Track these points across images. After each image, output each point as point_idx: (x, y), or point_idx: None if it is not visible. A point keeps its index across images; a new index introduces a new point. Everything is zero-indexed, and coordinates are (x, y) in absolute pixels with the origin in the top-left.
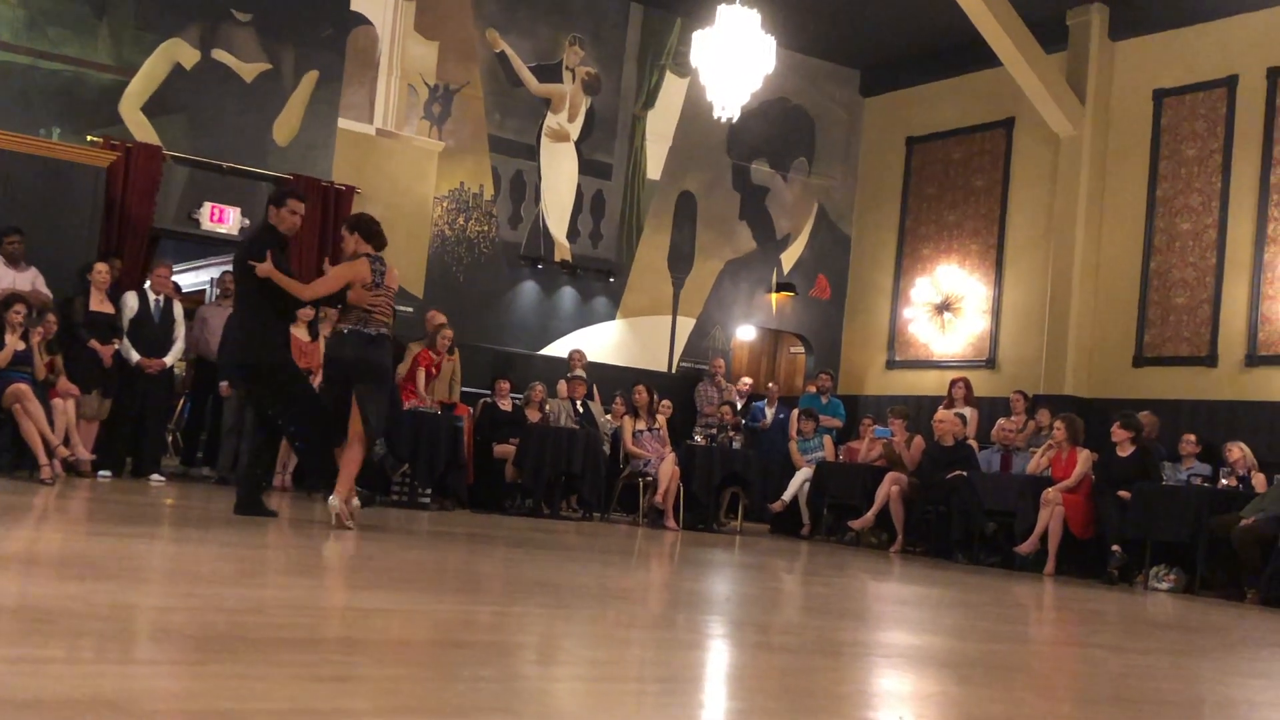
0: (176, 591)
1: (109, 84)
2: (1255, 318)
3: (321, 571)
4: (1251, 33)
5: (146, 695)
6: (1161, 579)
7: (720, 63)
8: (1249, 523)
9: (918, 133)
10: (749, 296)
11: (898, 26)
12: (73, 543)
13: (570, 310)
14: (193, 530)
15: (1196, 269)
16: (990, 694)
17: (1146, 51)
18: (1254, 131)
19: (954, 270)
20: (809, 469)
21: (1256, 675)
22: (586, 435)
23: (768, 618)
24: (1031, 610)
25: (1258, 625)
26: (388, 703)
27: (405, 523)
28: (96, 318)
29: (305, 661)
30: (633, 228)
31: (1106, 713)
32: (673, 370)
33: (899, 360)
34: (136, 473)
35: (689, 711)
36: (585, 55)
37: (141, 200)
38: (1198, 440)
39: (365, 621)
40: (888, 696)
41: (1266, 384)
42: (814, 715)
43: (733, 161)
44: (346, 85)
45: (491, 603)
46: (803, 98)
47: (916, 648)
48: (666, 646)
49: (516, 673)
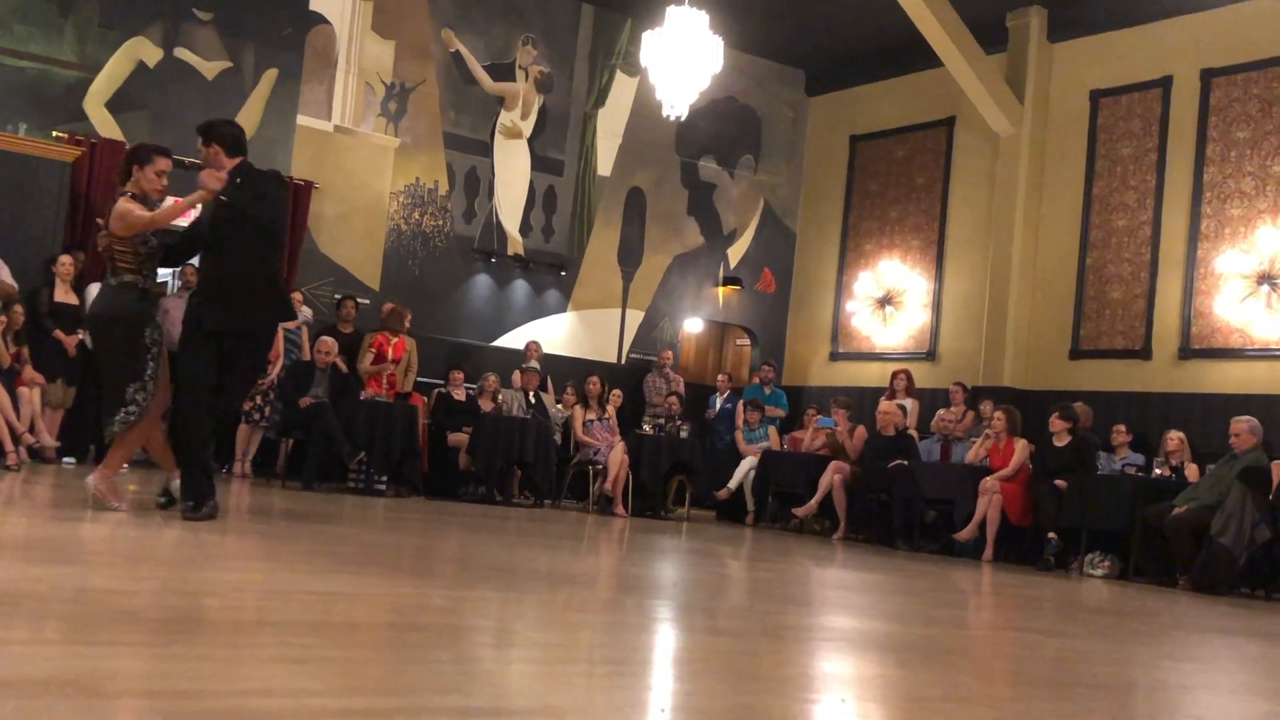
0: (138, 575)
1: (74, 81)
2: (1188, 312)
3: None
4: (1185, 35)
5: (109, 676)
6: (1096, 566)
7: (669, 62)
8: (1181, 512)
9: (861, 131)
10: (696, 290)
11: (842, 28)
12: (37, 527)
13: (523, 303)
14: (154, 516)
15: (1131, 264)
16: (929, 677)
17: (1084, 53)
18: (1188, 131)
19: (896, 265)
20: (754, 458)
21: (1188, 659)
22: (538, 424)
23: (714, 602)
24: (970, 595)
25: (1189, 611)
26: (344, 684)
27: (362, 509)
28: (61, 309)
29: (264, 643)
30: (584, 223)
31: (1042, 695)
32: (622, 361)
33: (842, 352)
34: (100, 460)
35: (637, 693)
36: (538, 55)
37: (106, 194)
38: (1128, 430)
39: (323, 605)
40: (830, 679)
41: (1199, 377)
42: (758, 697)
43: (681, 159)
44: (305, 83)
45: (446, 587)
46: (750, 97)
47: (858, 632)
48: (615, 630)
49: (470, 655)
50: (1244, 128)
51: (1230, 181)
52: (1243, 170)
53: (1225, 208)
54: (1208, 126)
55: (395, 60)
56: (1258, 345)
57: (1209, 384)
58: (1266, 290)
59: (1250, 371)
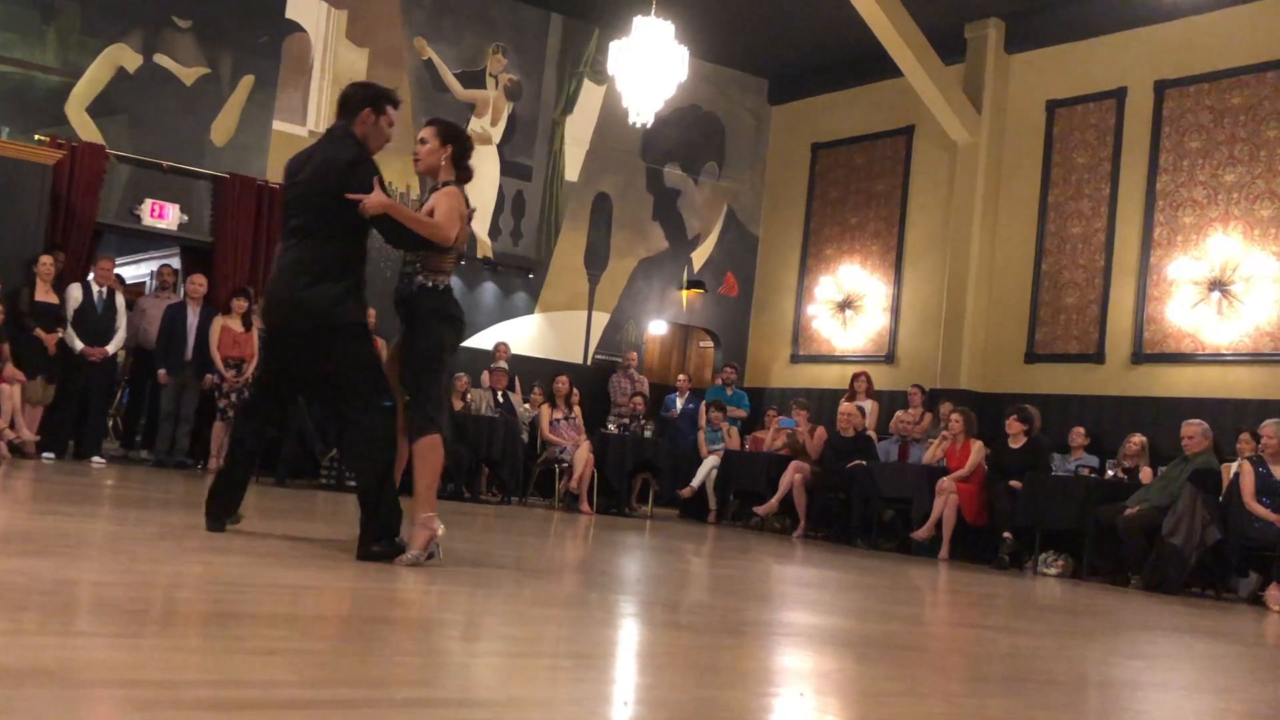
0: (115, 568)
1: (56, 86)
2: (1141, 318)
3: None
4: (1139, 47)
5: (85, 665)
6: (1050, 565)
7: (636, 71)
8: (1133, 512)
9: (822, 139)
10: (661, 293)
11: (804, 38)
12: (17, 520)
13: (491, 304)
14: (131, 510)
15: (1086, 271)
16: (886, 672)
17: (1040, 64)
18: (1141, 140)
19: (856, 270)
20: (716, 457)
21: (1138, 657)
22: (505, 423)
23: (676, 598)
24: (926, 593)
25: (1140, 610)
26: (313, 675)
27: (333, 505)
28: (42, 308)
29: (236, 635)
30: (551, 227)
31: (995, 690)
32: (588, 362)
33: (803, 355)
34: (78, 455)
35: (600, 686)
36: (508, 63)
37: (86, 196)
38: (1086, 434)
39: (293, 598)
40: (789, 673)
41: (1151, 381)
42: (719, 691)
43: (647, 165)
44: (281, 89)
45: (414, 581)
46: (714, 105)
47: (817, 627)
48: (580, 624)
49: (437, 648)
50: (1196, 137)
51: (1182, 190)
52: (1195, 179)
53: (1177, 216)
54: (1161, 136)
55: (369, 67)
56: (1209, 350)
57: (1161, 388)
58: (1217, 296)
59: (1201, 376)
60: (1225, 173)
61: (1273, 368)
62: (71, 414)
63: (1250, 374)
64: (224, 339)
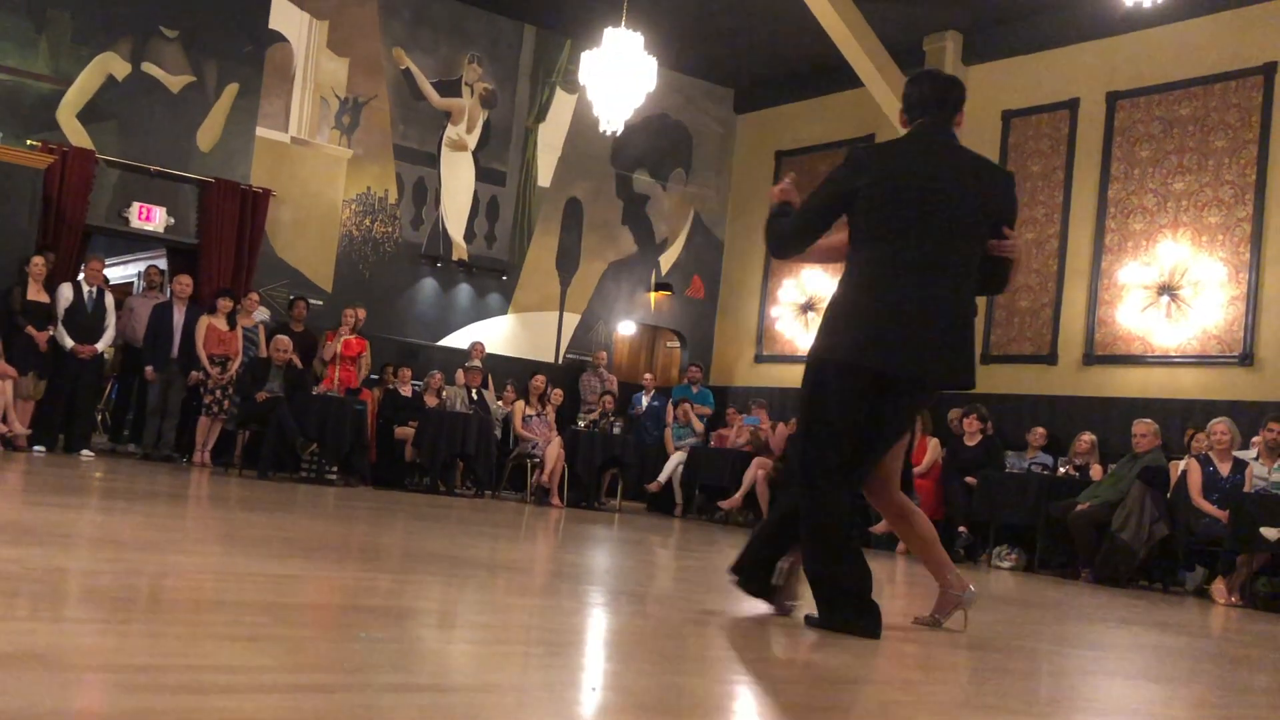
0: (103, 556)
1: (47, 93)
2: (1092, 321)
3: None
4: (1092, 60)
5: (74, 651)
6: (1004, 558)
7: (606, 81)
8: (1084, 508)
9: (786, 147)
10: (630, 295)
11: (769, 50)
12: (8, 511)
13: (466, 305)
14: (119, 501)
15: (1040, 275)
16: (844, 660)
17: (996, 75)
18: (1094, 150)
19: (817, 273)
20: (682, 453)
21: (1088, 646)
22: (479, 419)
23: (643, 588)
24: (884, 584)
25: (1090, 601)
26: (293, 660)
27: (313, 497)
28: (33, 306)
29: (219, 622)
30: (524, 231)
31: (950, 677)
32: (559, 361)
33: (766, 354)
34: (68, 448)
35: (570, 672)
36: (483, 72)
37: (76, 199)
38: (1045, 435)
39: (275, 587)
40: (752, 661)
41: (1102, 381)
42: (685, 677)
43: (616, 171)
44: (264, 97)
45: (391, 571)
46: (681, 114)
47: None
48: (551, 613)
49: (412, 635)
50: (1146, 147)
51: (1133, 198)
52: (1145, 187)
53: (1128, 223)
54: (1112, 146)
55: (349, 76)
56: (1157, 352)
57: (1111, 388)
58: (1166, 300)
59: (1150, 377)
60: (1174, 181)
61: (1218, 369)
62: (61, 409)
63: (1197, 375)
64: (209, 337)
